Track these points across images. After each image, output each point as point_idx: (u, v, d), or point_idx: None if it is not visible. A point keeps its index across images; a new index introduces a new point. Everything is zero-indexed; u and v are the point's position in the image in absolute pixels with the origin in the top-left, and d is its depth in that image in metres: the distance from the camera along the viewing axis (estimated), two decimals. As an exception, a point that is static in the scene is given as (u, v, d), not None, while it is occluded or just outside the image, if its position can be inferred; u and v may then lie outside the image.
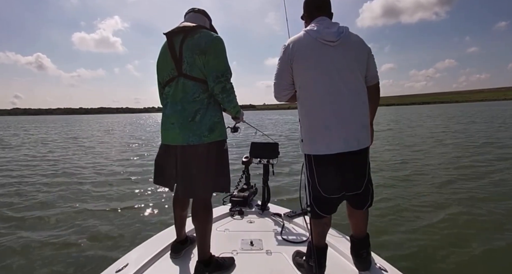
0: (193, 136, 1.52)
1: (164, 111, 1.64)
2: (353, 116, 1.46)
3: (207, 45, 1.51)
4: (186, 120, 1.53)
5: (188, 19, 1.67)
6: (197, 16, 1.68)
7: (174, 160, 1.62)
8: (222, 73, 1.52)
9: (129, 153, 10.20)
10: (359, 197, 1.55)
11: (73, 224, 3.65)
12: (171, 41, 1.59)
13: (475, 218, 3.47)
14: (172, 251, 1.79)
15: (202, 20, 1.68)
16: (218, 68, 1.52)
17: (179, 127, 1.53)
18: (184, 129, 1.52)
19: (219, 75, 1.52)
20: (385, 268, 1.61)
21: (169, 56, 1.58)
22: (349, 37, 1.50)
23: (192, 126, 1.52)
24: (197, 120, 1.52)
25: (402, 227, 3.31)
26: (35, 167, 7.72)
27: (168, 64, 1.59)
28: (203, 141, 1.53)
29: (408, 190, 4.72)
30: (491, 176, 5.30)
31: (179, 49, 1.55)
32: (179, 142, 1.54)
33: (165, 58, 1.60)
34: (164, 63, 1.61)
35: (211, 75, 1.52)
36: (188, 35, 1.55)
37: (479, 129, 14.07)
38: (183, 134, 1.52)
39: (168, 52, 1.58)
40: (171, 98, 1.58)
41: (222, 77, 1.52)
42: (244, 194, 2.61)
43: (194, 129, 1.52)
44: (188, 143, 1.52)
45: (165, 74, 1.62)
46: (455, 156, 7.39)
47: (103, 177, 6.39)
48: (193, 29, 1.56)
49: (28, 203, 4.54)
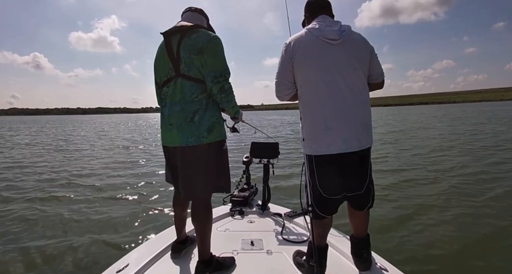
0: (191, 137, 1.51)
1: (162, 112, 1.63)
2: (354, 116, 1.45)
3: (204, 45, 1.49)
4: (184, 121, 1.52)
5: (185, 18, 1.66)
6: (194, 15, 1.67)
7: (174, 162, 1.63)
8: (221, 73, 1.51)
9: (129, 153, 10.17)
10: (360, 198, 1.55)
11: (73, 225, 3.63)
12: (168, 41, 1.57)
13: (477, 218, 3.46)
14: (173, 251, 1.79)
15: (199, 19, 1.67)
16: (216, 68, 1.50)
17: (177, 128, 1.52)
18: (182, 130, 1.51)
19: (217, 75, 1.50)
20: (386, 268, 1.61)
21: (166, 56, 1.57)
22: (351, 35, 1.49)
23: (191, 126, 1.51)
24: (196, 120, 1.51)
25: (403, 227, 3.31)
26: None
27: (166, 64, 1.58)
28: (202, 142, 1.52)
29: (410, 190, 4.71)
30: (500, 180, 5.09)
31: (177, 49, 1.53)
32: (178, 144, 1.53)
33: (163, 58, 1.59)
34: (162, 63, 1.60)
35: (209, 75, 1.50)
36: (185, 35, 1.53)
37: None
38: (182, 135, 1.51)
39: (165, 52, 1.57)
40: (170, 99, 1.57)
41: (220, 77, 1.50)
42: (244, 194, 2.61)
43: (193, 130, 1.51)
44: (187, 144, 1.51)
45: (163, 74, 1.61)
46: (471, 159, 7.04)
47: (103, 177, 6.37)
48: (190, 29, 1.55)
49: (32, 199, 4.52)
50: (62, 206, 4.41)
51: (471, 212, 3.65)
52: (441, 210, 3.78)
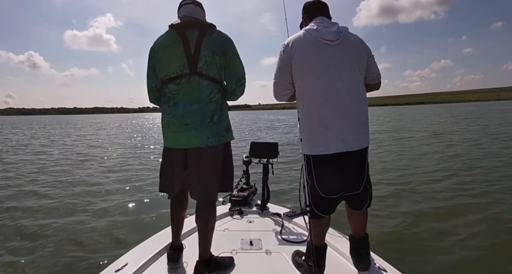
0: (212, 137, 1.48)
1: (171, 111, 1.50)
2: (352, 116, 1.46)
3: (226, 47, 1.51)
4: (204, 121, 1.47)
5: (189, 11, 1.54)
6: (198, 9, 1.57)
7: (181, 164, 1.54)
8: (243, 76, 1.58)
9: (128, 153, 10.12)
10: (357, 197, 1.56)
11: (72, 224, 3.61)
12: (184, 35, 1.47)
13: (477, 218, 3.46)
14: (170, 260, 1.63)
15: (202, 15, 1.59)
16: (239, 72, 1.56)
17: (196, 129, 1.46)
18: (202, 130, 1.47)
19: (240, 78, 1.57)
20: (385, 268, 1.61)
21: (180, 51, 1.46)
22: (349, 36, 1.50)
23: (212, 126, 1.49)
24: (216, 120, 1.50)
25: (402, 227, 3.31)
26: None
27: (177, 59, 1.47)
28: (222, 141, 1.53)
29: (410, 189, 4.72)
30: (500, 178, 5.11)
31: (196, 45, 1.46)
32: (196, 144, 1.47)
33: (173, 52, 1.48)
34: (171, 58, 1.48)
35: (233, 78, 1.55)
36: (205, 32, 1.48)
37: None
38: (202, 135, 1.46)
39: (180, 46, 1.46)
40: (183, 97, 1.47)
41: (242, 80, 1.58)
42: (243, 194, 2.61)
43: (214, 130, 1.49)
44: (207, 144, 1.48)
45: (172, 70, 1.49)
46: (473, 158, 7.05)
47: (103, 177, 6.34)
48: (210, 27, 1.51)
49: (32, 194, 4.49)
50: (59, 204, 4.39)
51: (472, 212, 3.65)
52: (441, 209, 3.79)
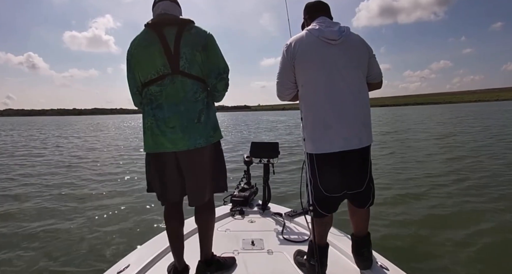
0: (200, 138, 1.42)
1: (155, 114, 1.42)
2: (354, 115, 1.47)
3: (206, 41, 1.44)
4: (191, 122, 1.41)
5: (165, 8, 1.47)
6: (174, 6, 1.51)
7: (171, 169, 1.47)
8: (224, 70, 1.48)
9: (127, 153, 10.12)
10: (360, 195, 1.56)
11: (74, 226, 3.61)
12: (162, 34, 1.41)
13: (477, 218, 3.46)
14: None
15: (179, 11, 1.53)
16: (220, 65, 1.48)
17: (183, 131, 1.40)
18: (189, 132, 1.41)
19: (221, 72, 1.47)
20: (387, 267, 1.62)
21: (158, 51, 1.40)
22: (350, 36, 1.51)
23: (199, 127, 1.42)
24: (203, 121, 1.43)
25: (404, 225, 3.32)
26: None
27: (156, 59, 1.40)
28: (210, 142, 1.47)
29: (411, 189, 4.72)
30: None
31: (175, 43, 1.40)
32: (184, 147, 1.41)
33: (151, 52, 1.41)
34: (150, 58, 1.42)
35: (213, 72, 1.46)
36: (184, 29, 1.42)
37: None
38: (189, 137, 1.40)
39: (158, 46, 1.40)
40: (167, 99, 1.40)
41: (224, 74, 1.48)
42: (244, 194, 2.61)
43: (201, 131, 1.43)
44: (195, 146, 1.42)
45: (151, 72, 1.42)
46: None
47: (102, 177, 6.34)
48: (189, 23, 1.45)
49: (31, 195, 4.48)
50: (62, 206, 4.39)
51: (473, 212, 3.66)
52: (443, 209, 3.79)
